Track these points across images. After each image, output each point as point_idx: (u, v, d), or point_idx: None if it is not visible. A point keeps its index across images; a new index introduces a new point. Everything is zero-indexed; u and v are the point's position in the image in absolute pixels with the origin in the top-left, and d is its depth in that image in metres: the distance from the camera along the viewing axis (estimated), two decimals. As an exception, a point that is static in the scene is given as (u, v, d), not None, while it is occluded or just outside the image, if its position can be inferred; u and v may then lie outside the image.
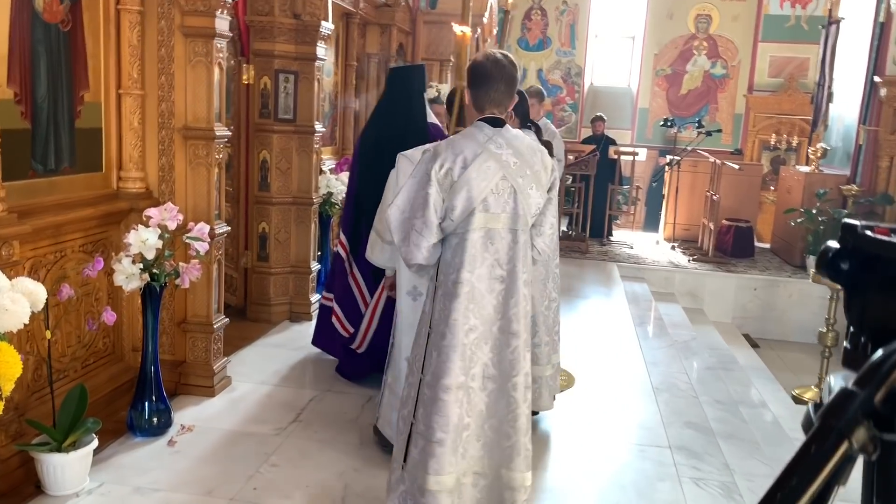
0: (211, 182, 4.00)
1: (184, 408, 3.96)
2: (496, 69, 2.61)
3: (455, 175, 2.53)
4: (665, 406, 4.68)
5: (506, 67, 2.62)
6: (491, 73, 2.61)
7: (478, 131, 2.60)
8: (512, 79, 2.64)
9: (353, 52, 7.57)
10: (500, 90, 2.62)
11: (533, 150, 2.64)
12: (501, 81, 2.61)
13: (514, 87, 2.66)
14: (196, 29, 3.85)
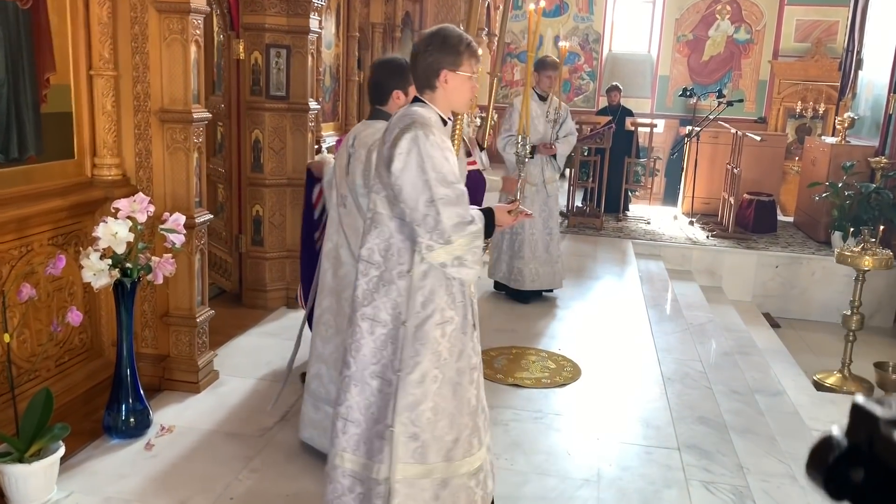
0: (190, 168, 3.77)
1: (166, 405, 3.79)
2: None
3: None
4: (676, 399, 4.43)
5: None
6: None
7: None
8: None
9: (356, 22, 7.28)
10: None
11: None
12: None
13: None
14: (170, 4, 3.60)
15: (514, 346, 4.89)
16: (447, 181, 2.35)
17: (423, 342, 2.41)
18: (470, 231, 2.37)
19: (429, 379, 2.42)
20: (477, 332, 2.60)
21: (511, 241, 5.76)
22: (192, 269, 3.88)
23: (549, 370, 4.50)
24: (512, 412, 3.91)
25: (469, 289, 2.53)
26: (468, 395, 2.50)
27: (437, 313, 2.42)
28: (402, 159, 2.34)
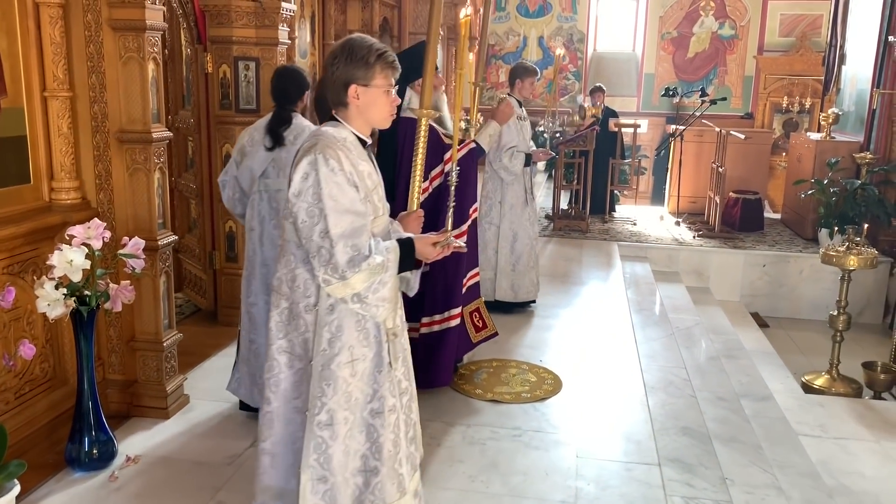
0: (151, 189, 3.67)
1: (134, 433, 3.69)
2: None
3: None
4: (659, 409, 4.34)
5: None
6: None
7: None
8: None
9: (332, 29, 7.18)
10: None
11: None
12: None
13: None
14: (125, 22, 3.50)
15: (494, 358, 4.80)
16: (346, 210, 2.20)
17: (329, 382, 2.29)
18: (368, 266, 2.20)
19: (338, 421, 2.30)
20: (402, 369, 2.46)
21: (511, 257, 5.64)
22: (158, 292, 3.78)
23: (530, 383, 4.41)
24: (490, 430, 3.82)
25: (387, 323, 2.38)
26: (383, 438, 2.36)
27: (346, 351, 2.29)
28: (299, 184, 2.21)
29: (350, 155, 2.26)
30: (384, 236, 2.39)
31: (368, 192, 2.30)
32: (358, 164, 2.28)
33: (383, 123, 2.40)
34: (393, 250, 2.29)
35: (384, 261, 2.25)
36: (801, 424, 5.22)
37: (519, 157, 5.56)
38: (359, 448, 2.36)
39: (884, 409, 5.58)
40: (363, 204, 2.26)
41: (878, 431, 5.17)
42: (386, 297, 2.28)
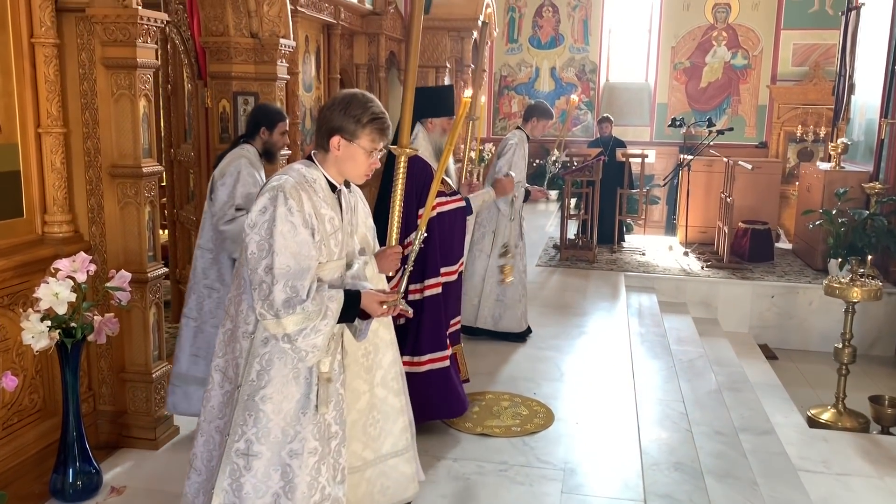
0: (142, 222, 3.74)
1: (122, 463, 3.72)
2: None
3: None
4: (651, 444, 4.30)
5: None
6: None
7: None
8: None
9: (336, 63, 7.31)
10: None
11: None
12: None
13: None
14: (117, 60, 3.59)
15: (488, 391, 4.78)
16: (294, 251, 2.23)
17: (251, 413, 2.31)
18: (303, 311, 2.22)
19: (254, 453, 2.31)
20: (334, 413, 2.46)
21: (497, 287, 5.65)
22: (148, 324, 3.83)
23: (521, 417, 4.38)
24: (476, 464, 3.80)
25: (322, 367, 2.38)
26: (298, 480, 2.35)
27: (272, 387, 2.31)
28: (256, 216, 2.25)
29: (314, 197, 2.31)
30: (336, 281, 2.42)
31: (326, 236, 2.34)
32: (320, 207, 2.32)
33: (357, 180, 2.46)
34: (336, 300, 2.31)
35: (321, 308, 2.26)
36: (803, 460, 5.13)
37: (521, 192, 5.62)
38: (272, 485, 2.36)
39: (890, 445, 5.47)
40: (315, 248, 2.29)
41: (882, 468, 5.07)
42: (317, 345, 2.28)
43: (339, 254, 2.42)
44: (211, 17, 4.94)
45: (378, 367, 3.19)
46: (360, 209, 3.08)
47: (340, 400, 2.51)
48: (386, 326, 3.24)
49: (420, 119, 4.07)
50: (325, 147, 2.36)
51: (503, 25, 14.72)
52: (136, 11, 3.50)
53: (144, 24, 3.58)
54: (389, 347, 3.25)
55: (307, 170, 2.35)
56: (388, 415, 3.19)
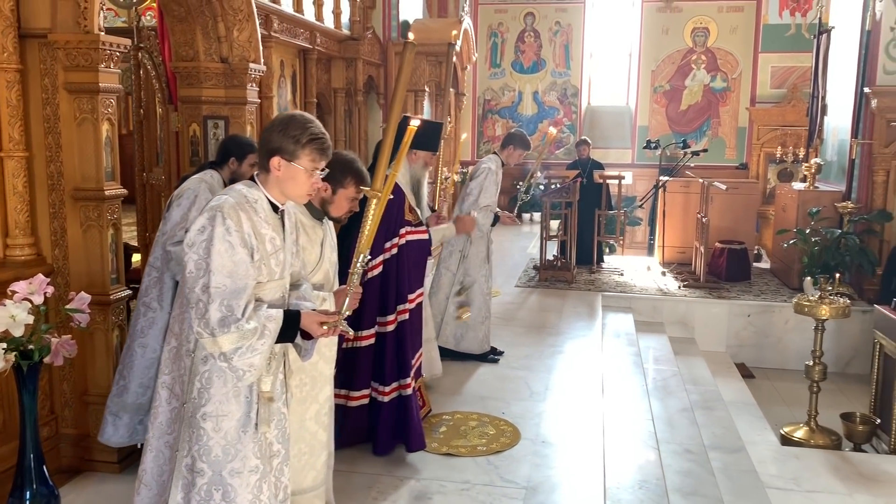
0: (105, 245, 3.76)
1: (82, 488, 3.71)
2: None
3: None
4: (616, 462, 4.31)
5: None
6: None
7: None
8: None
9: (313, 88, 7.38)
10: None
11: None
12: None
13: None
14: (79, 85, 3.63)
15: (457, 411, 4.78)
16: (231, 271, 2.25)
17: (194, 430, 2.33)
18: (238, 329, 2.24)
19: (197, 470, 2.33)
20: (276, 432, 2.48)
21: (481, 308, 5.68)
22: (111, 346, 3.85)
23: (488, 436, 4.39)
24: (438, 484, 3.80)
25: (263, 386, 2.39)
26: (240, 499, 2.36)
27: (211, 405, 2.33)
28: (194, 236, 2.28)
29: (254, 217, 2.33)
30: (278, 302, 2.44)
31: (266, 255, 2.36)
32: (260, 227, 2.35)
33: (299, 200, 2.49)
34: (274, 319, 2.33)
35: (257, 327, 2.28)
36: (773, 477, 5.14)
37: (490, 215, 5.65)
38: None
39: (860, 462, 5.49)
40: (254, 267, 2.32)
41: (852, 484, 5.08)
42: (254, 364, 2.29)
43: (281, 273, 2.45)
44: (181, 42, 5.00)
45: (313, 401, 3.18)
46: (329, 243, 3.12)
47: (283, 419, 2.53)
48: (327, 361, 3.24)
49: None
50: (266, 168, 2.39)
51: (486, 50, 14.89)
52: (97, 37, 3.56)
53: (107, 50, 3.63)
54: (327, 383, 3.26)
55: (249, 190, 2.39)
56: (314, 448, 3.20)
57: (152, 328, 3.67)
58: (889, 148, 7.89)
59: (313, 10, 7.27)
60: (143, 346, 3.71)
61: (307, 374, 3.12)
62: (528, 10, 14.76)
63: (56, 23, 3.57)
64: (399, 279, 3.99)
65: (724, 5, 14.12)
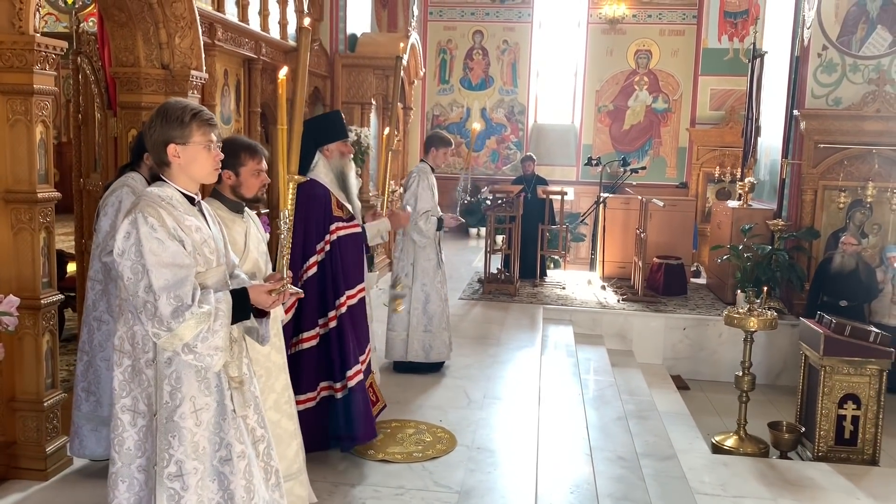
0: (36, 249, 3.71)
1: (7, 495, 3.63)
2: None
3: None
4: (549, 468, 4.40)
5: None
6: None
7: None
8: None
9: (258, 97, 7.36)
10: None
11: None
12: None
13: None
14: (13, 86, 3.60)
15: (394, 419, 4.82)
16: (168, 264, 2.28)
17: (174, 434, 2.33)
18: (193, 315, 2.27)
19: (187, 471, 2.34)
20: (255, 417, 2.52)
21: (423, 318, 5.70)
22: (41, 351, 3.78)
23: (424, 443, 4.44)
24: (372, 489, 3.83)
25: (231, 371, 2.44)
26: (234, 486, 2.40)
27: (188, 402, 2.35)
28: (122, 243, 2.30)
29: (174, 212, 2.36)
30: (221, 287, 2.47)
31: (198, 245, 2.39)
32: (184, 220, 2.37)
33: (208, 178, 2.50)
34: (223, 300, 2.36)
35: (211, 309, 2.31)
36: (702, 484, 5.29)
37: (433, 221, 5.70)
38: (212, 496, 2.39)
39: (785, 469, 5.69)
40: (189, 257, 2.34)
41: (776, 489, 5.27)
42: (218, 346, 2.33)
43: (217, 261, 2.47)
44: (121, 48, 4.97)
45: (270, 391, 3.24)
46: (253, 234, 3.15)
47: (259, 403, 2.57)
48: (278, 350, 3.30)
49: (318, 147, 4.18)
50: (166, 161, 2.41)
51: (434, 67, 15.05)
52: (32, 38, 3.53)
53: (42, 51, 3.61)
54: (282, 371, 3.31)
55: (159, 189, 2.41)
56: (281, 438, 3.23)
57: (109, 340, 3.68)
58: (817, 168, 8.23)
59: (259, 21, 7.28)
60: (105, 360, 3.72)
61: (261, 366, 3.15)
62: (476, 28, 14.98)
63: (-10, 23, 3.53)
64: (335, 276, 4.03)
65: (665, 28, 14.56)
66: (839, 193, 8.02)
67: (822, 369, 6.00)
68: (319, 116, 4.97)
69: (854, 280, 7.40)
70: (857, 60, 8.21)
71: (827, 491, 5.30)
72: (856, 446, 5.96)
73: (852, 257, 7.40)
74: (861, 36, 8.20)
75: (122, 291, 2.37)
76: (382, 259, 9.43)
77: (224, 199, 3.07)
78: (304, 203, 4.03)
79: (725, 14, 14.15)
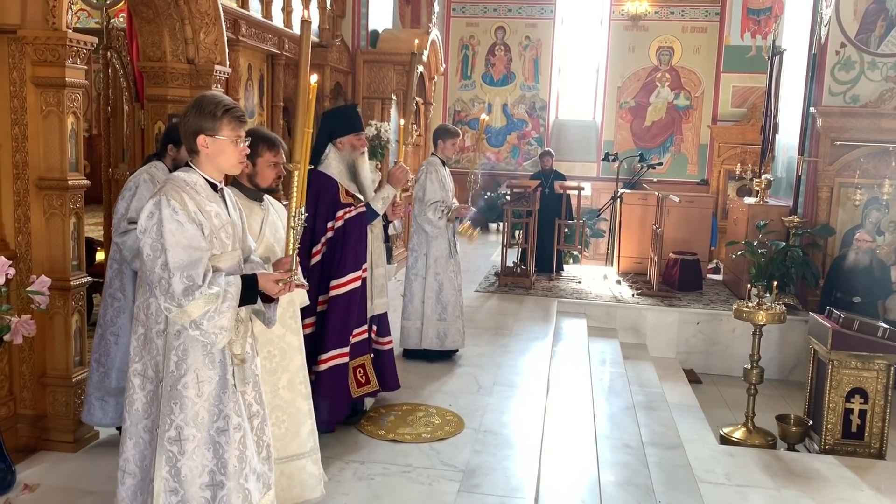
0: (66, 233, 3.94)
1: (38, 464, 3.86)
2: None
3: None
4: (553, 451, 4.55)
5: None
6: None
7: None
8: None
9: (280, 92, 7.57)
10: None
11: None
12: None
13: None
14: (46, 79, 3.82)
15: (406, 402, 4.99)
16: (185, 245, 2.46)
17: (176, 401, 2.52)
18: (202, 295, 2.44)
19: (186, 437, 2.52)
20: (253, 393, 2.69)
21: (437, 306, 5.86)
22: (70, 330, 4.01)
23: (433, 425, 4.60)
24: (381, 466, 4.00)
25: (234, 349, 2.61)
26: (228, 455, 2.57)
27: (191, 373, 2.53)
28: (145, 222, 2.49)
29: (196, 196, 2.54)
30: (234, 271, 2.65)
31: (215, 230, 2.57)
32: (205, 205, 2.55)
33: (233, 170, 2.69)
34: (233, 284, 2.54)
35: (220, 291, 2.49)
36: (707, 472, 5.40)
37: (440, 210, 5.78)
38: (207, 464, 2.56)
39: (790, 460, 5.77)
40: (206, 241, 2.53)
41: (780, 480, 5.36)
42: (224, 326, 2.51)
43: (233, 245, 2.65)
44: (149, 43, 5.19)
45: (285, 371, 3.41)
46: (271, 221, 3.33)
47: (258, 381, 2.76)
48: (294, 332, 3.46)
49: (331, 140, 4.35)
50: (195, 149, 2.60)
51: (457, 62, 15.20)
52: (65, 34, 3.74)
53: (73, 46, 3.82)
54: (297, 353, 3.47)
55: (186, 175, 2.60)
56: (294, 417, 3.40)
57: (120, 316, 3.92)
58: (833, 166, 8.26)
59: (282, 17, 7.48)
60: (115, 335, 3.93)
61: (275, 346, 3.33)
62: (499, 25, 15.11)
63: (25, 20, 3.75)
64: (334, 259, 4.20)
65: (688, 25, 14.58)
66: (855, 191, 8.06)
67: (829, 363, 6.07)
68: (336, 109, 5.12)
69: (867, 277, 7.44)
70: (876, 58, 8.21)
71: (831, 482, 5.38)
72: (863, 440, 6.03)
73: (866, 254, 7.44)
74: (880, 34, 8.21)
75: (142, 265, 2.56)
76: (401, 252, 9.59)
77: (242, 187, 3.26)
78: (312, 193, 4.20)
79: (748, 11, 14.14)
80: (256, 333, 2.84)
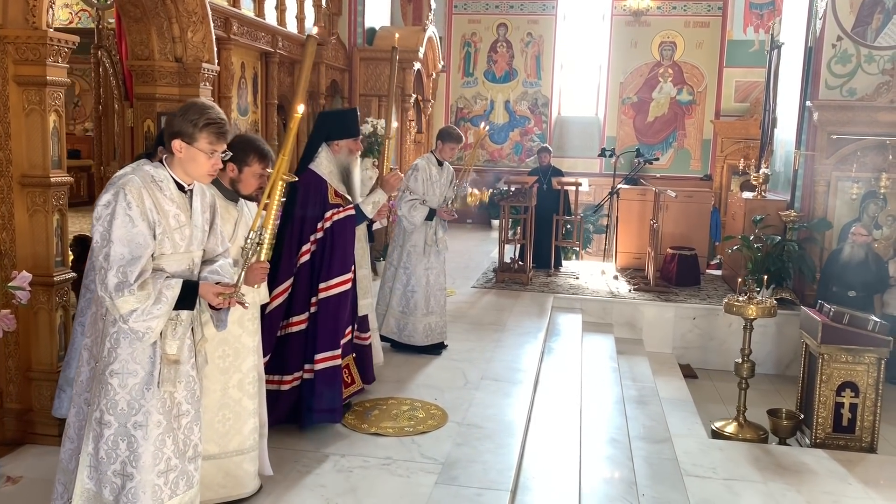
0: (50, 229, 3.99)
1: (23, 458, 3.92)
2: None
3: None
4: (535, 444, 4.56)
5: None
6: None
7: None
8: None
9: (275, 90, 7.62)
10: None
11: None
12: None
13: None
14: (28, 78, 3.87)
15: (391, 396, 5.02)
16: (129, 241, 2.51)
17: (102, 386, 2.59)
18: (131, 294, 2.49)
19: (104, 422, 2.59)
20: (185, 394, 2.71)
21: (402, 299, 5.90)
22: (54, 325, 4.07)
23: (416, 419, 4.63)
24: (361, 459, 4.04)
25: (169, 349, 2.64)
26: (142, 450, 2.61)
27: (118, 363, 2.58)
28: (100, 210, 2.54)
29: (158, 194, 2.59)
30: (183, 273, 2.69)
31: (170, 230, 2.62)
32: (164, 204, 2.60)
33: (202, 179, 2.74)
34: (172, 288, 2.59)
35: (151, 293, 2.53)
36: (695, 466, 5.41)
37: (420, 209, 5.78)
38: (120, 454, 2.62)
39: (779, 454, 5.77)
40: (152, 239, 2.57)
41: (768, 474, 5.36)
42: (151, 327, 2.56)
43: (186, 248, 2.69)
44: (137, 42, 5.24)
45: (236, 371, 3.44)
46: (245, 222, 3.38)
47: (192, 382, 2.77)
48: (250, 334, 3.50)
49: (326, 141, 4.39)
50: (170, 150, 2.65)
51: (459, 59, 15.22)
52: (45, 33, 3.80)
53: (55, 45, 3.87)
54: (251, 353, 3.51)
55: (155, 170, 2.64)
56: (239, 415, 3.44)
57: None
58: (829, 160, 8.23)
59: (276, 15, 7.53)
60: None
61: (230, 346, 3.38)
62: (500, 21, 15.10)
63: (7, 19, 3.80)
64: (321, 264, 4.23)
65: (690, 20, 14.52)
66: (852, 184, 8.02)
67: (820, 357, 6.06)
68: (337, 112, 5.17)
69: (863, 270, 7.41)
70: (872, 51, 8.18)
71: (819, 476, 5.38)
72: (854, 434, 6.02)
73: (862, 248, 7.42)
74: (876, 26, 8.17)
75: (91, 250, 2.64)
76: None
77: (222, 187, 3.29)
78: (302, 192, 4.25)
79: (751, 5, 14.07)
80: (209, 335, 2.89)
